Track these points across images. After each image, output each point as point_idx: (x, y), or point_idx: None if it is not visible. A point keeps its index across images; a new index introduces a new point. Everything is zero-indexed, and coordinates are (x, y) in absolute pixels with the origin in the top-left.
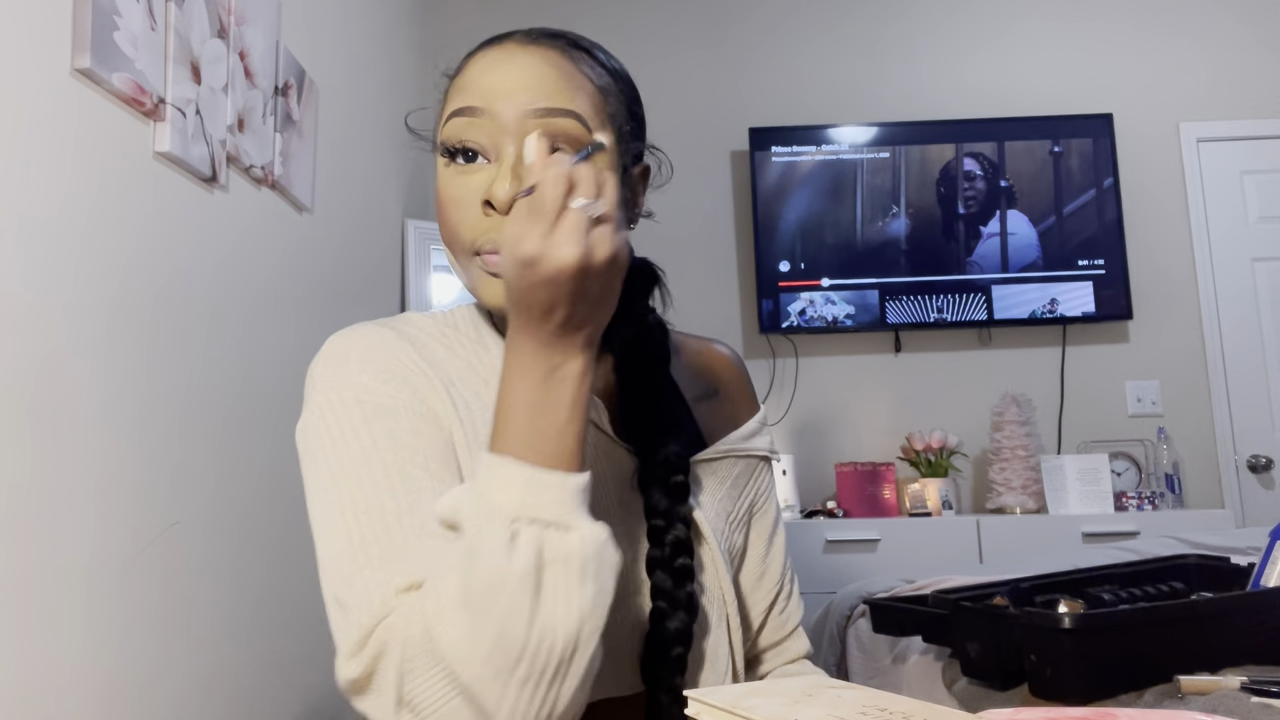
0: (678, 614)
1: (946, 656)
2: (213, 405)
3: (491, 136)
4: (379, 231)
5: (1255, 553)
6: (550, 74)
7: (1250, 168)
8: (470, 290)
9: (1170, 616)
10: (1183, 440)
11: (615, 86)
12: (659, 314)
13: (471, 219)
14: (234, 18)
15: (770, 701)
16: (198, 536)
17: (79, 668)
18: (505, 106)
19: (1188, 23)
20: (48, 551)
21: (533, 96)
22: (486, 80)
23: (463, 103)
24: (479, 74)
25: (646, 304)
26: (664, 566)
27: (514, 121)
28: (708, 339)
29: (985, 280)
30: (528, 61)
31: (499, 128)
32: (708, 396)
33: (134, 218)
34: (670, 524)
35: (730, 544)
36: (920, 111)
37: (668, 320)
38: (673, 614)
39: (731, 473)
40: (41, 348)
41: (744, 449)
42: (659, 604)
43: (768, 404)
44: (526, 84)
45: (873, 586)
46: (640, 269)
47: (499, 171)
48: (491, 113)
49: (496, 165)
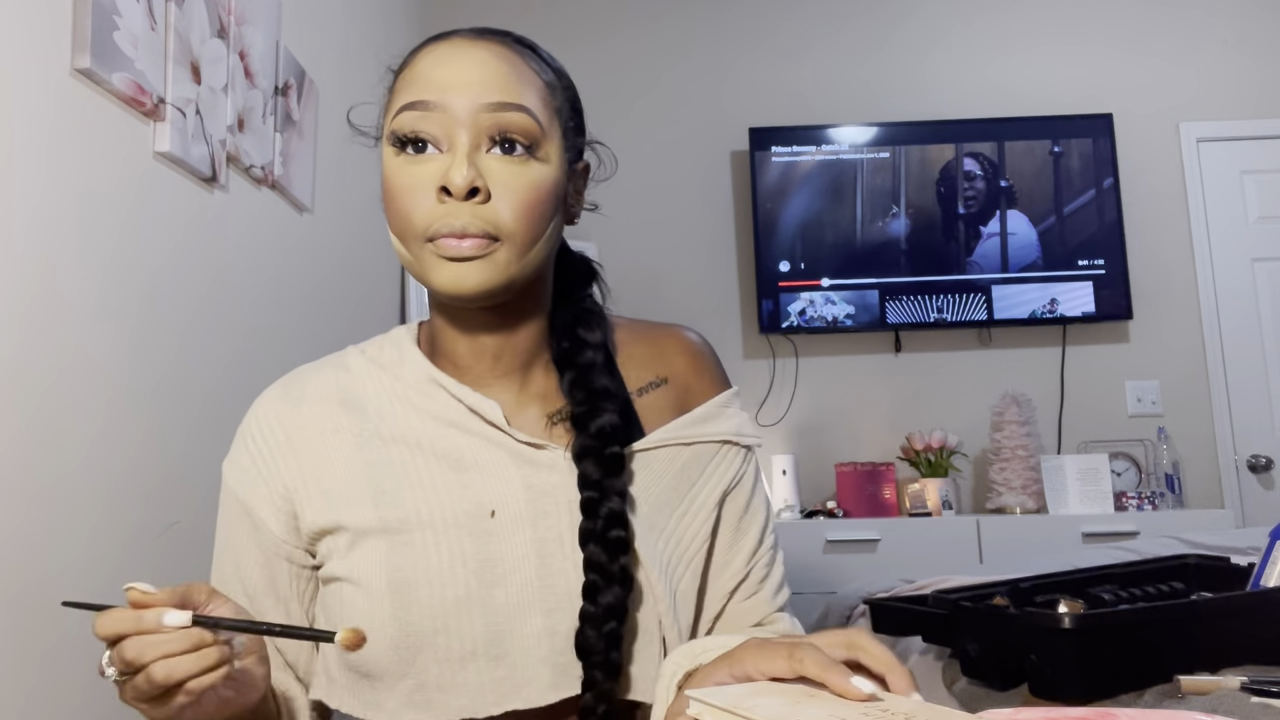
0: (611, 588)
1: (946, 656)
2: (213, 405)
3: (444, 128)
4: (379, 231)
5: (1255, 553)
6: (500, 68)
7: (1250, 168)
8: (420, 278)
9: (1170, 616)
10: (1183, 440)
11: (559, 83)
12: (597, 302)
13: (426, 206)
14: (234, 18)
15: (772, 701)
16: (198, 536)
17: (79, 668)
18: (457, 99)
19: (1188, 23)
20: (48, 551)
21: (484, 90)
22: (438, 74)
23: (414, 96)
24: (429, 68)
25: (586, 293)
26: (597, 539)
27: (467, 114)
28: (669, 324)
29: (985, 280)
30: (478, 56)
31: (451, 119)
32: (653, 386)
33: (134, 218)
34: (604, 496)
35: (679, 536)
36: (920, 111)
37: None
38: (606, 588)
39: (674, 463)
40: (41, 348)
41: (688, 436)
42: (592, 577)
43: (767, 404)
44: (478, 77)
45: (873, 586)
46: (580, 263)
47: (454, 159)
48: (444, 105)
49: (450, 154)
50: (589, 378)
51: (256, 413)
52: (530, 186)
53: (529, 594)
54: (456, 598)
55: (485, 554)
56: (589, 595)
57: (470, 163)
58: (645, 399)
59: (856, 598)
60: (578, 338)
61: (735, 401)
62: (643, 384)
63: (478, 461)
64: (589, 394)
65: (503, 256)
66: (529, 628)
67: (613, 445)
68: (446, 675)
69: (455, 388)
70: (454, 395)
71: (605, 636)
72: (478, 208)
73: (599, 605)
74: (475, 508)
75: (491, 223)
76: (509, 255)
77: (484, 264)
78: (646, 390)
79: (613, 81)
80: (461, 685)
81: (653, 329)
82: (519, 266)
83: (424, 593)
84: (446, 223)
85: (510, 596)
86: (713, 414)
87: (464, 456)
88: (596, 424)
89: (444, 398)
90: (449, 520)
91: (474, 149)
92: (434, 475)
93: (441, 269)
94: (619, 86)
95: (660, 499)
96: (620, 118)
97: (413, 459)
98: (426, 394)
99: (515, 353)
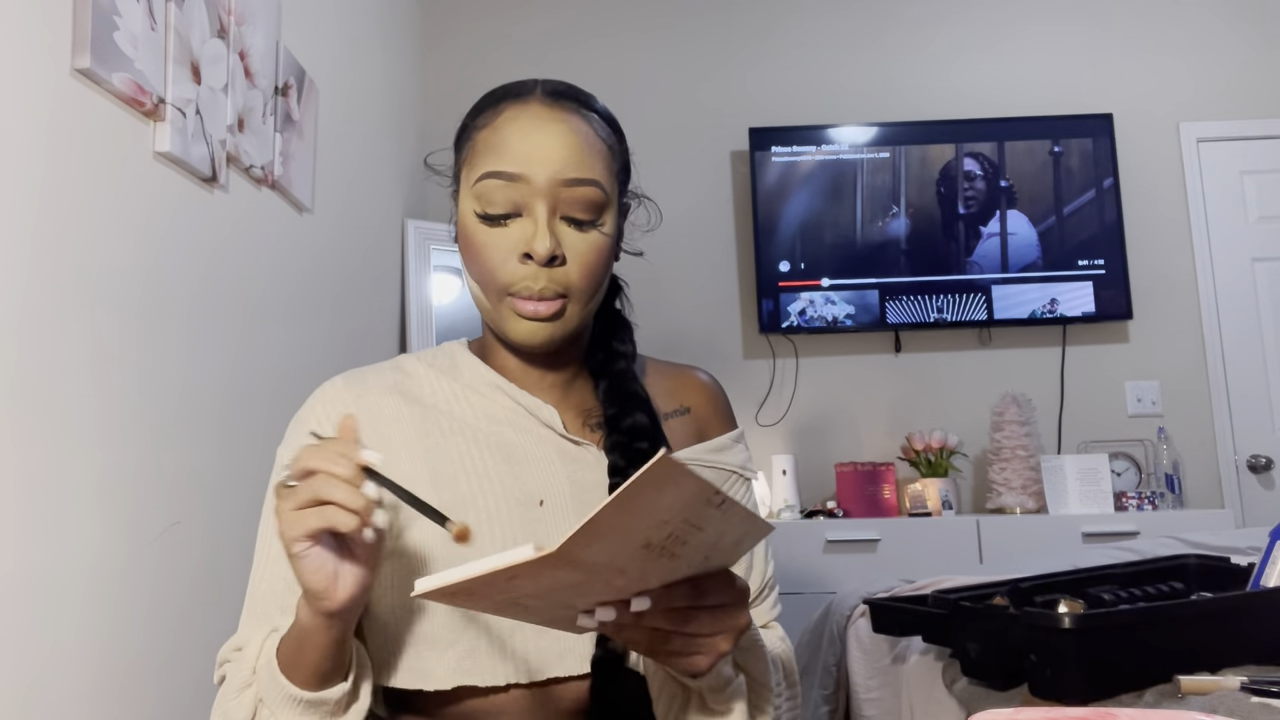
0: None
1: (946, 656)
2: (213, 405)
3: (525, 197)
4: (379, 231)
5: (1255, 553)
6: (576, 143)
7: (1250, 168)
8: (495, 325)
9: (1170, 616)
10: (1183, 440)
11: (619, 145)
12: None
13: (510, 266)
14: (234, 18)
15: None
16: (198, 536)
17: (79, 667)
18: (539, 172)
19: (1188, 23)
20: (48, 551)
21: (564, 167)
22: (522, 148)
23: (500, 166)
24: (513, 139)
25: (615, 308)
26: None
27: (546, 186)
28: (687, 365)
29: (985, 280)
30: (556, 130)
31: (533, 190)
32: (677, 414)
33: (134, 218)
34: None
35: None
36: (920, 111)
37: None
38: None
39: None
40: (41, 347)
41: (711, 461)
42: None
43: (767, 404)
44: (557, 154)
45: (873, 586)
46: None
47: (537, 229)
48: (527, 178)
49: (530, 220)
50: (622, 384)
51: (319, 398)
52: (596, 250)
53: None
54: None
55: (535, 537)
56: None
57: (551, 233)
58: (671, 423)
59: (856, 598)
60: (612, 349)
61: (743, 439)
62: (669, 410)
63: (527, 456)
64: (621, 398)
65: (571, 313)
66: None
67: (640, 441)
68: (496, 644)
69: (514, 391)
70: (513, 398)
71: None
72: (554, 272)
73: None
74: (525, 496)
75: (564, 285)
76: (575, 310)
77: (557, 323)
78: (672, 416)
79: (613, 81)
80: (509, 653)
81: (674, 367)
82: (581, 318)
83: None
84: (527, 285)
85: None
86: (727, 446)
87: (515, 450)
88: (627, 423)
89: (501, 399)
90: (501, 506)
91: (551, 217)
92: (488, 465)
93: (519, 324)
94: (619, 86)
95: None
96: (620, 117)
97: (469, 449)
98: (484, 395)
99: (560, 373)
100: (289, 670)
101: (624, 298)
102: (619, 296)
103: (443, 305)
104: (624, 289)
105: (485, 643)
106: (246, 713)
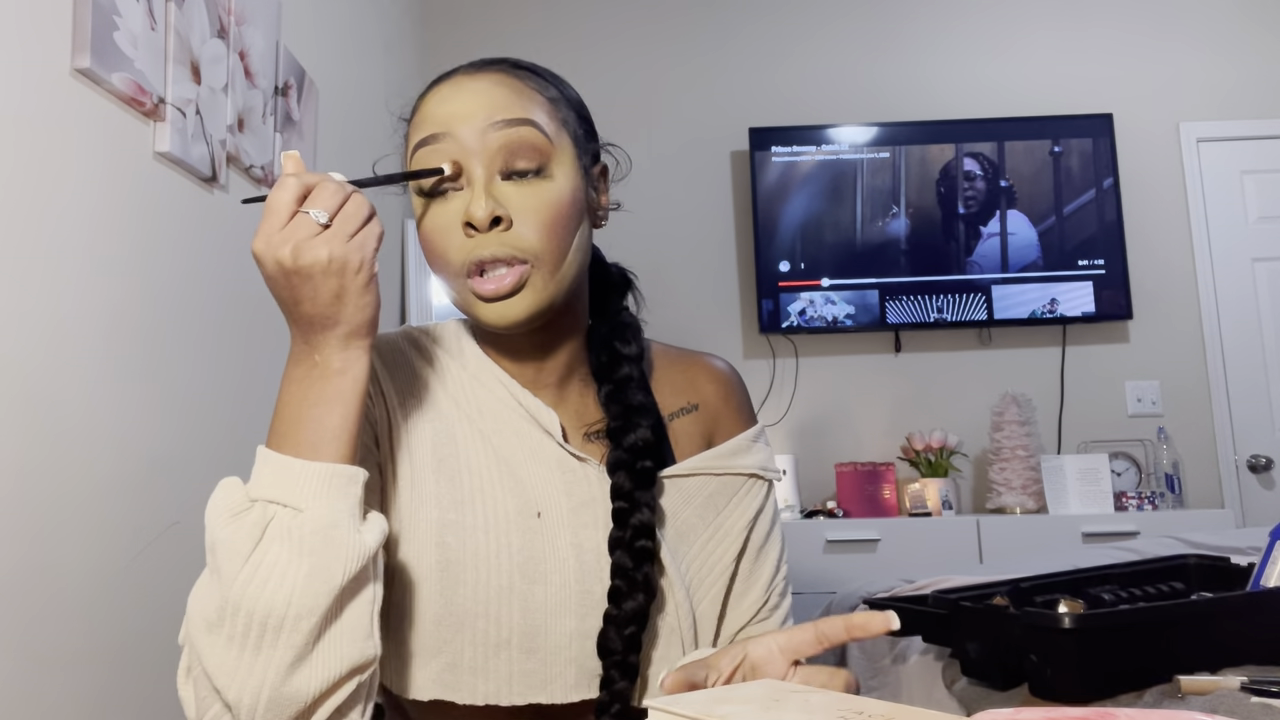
0: (635, 595)
1: (946, 656)
2: (213, 405)
3: (457, 159)
4: None
5: (1255, 553)
6: (501, 91)
7: (1250, 168)
8: (467, 313)
9: (1170, 616)
10: (1183, 440)
11: (562, 96)
12: (634, 314)
13: (456, 242)
14: (234, 18)
15: (742, 709)
16: (198, 536)
17: (78, 668)
18: (465, 128)
19: (1187, 23)
20: (48, 551)
21: (489, 113)
22: (443, 110)
23: (424, 133)
24: (434, 106)
25: (621, 304)
26: (625, 547)
27: (475, 141)
28: (701, 353)
29: (985, 280)
30: (478, 86)
31: (462, 150)
32: (684, 412)
33: (134, 218)
34: (635, 508)
35: (704, 559)
36: (920, 111)
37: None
38: (630, 594)
39: (704, 490)
40: (41, 348)
41: (719, 467)
42: (617, 583)
43: (767, 404)
44: (481, 104)
45: (873, 586)
46: (615, 274)
47: (472, 193)
48: (453, 135)
49: (469, 189)
50: (625, 393)
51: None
52: (548, 205)
53: (566, 595)
54: (500, 587)
55: (530, 550)
56: (614, 599)
57: (488, 194)
58: (677, 423)
59: (856, 598)
60: (615, 352)
61: (763, 436)
62: (675, 409)
63: (526, 463)
64: (625, 409)
65: (539, 280)
66: (563, 627)
67: (645, 460)
68: (479, 659)
69: (517, 390)
70: (514, 397)
71: (626, 639)
72: (503, 235)
73: (622, 609)
74: (524, 505)
75: (518, 247)
76: (543, 277)
77: (523, 295)
78: (678, 415)
79: (613, 82)
80: (492, 671)
81: (685, 356)
82: (555, 284)
83: (470, 576)
84: (476, 254)
85: (549, 595)
86: (743, 448)
87: (514, 455)
88: (630, 439)
89: (503, 394)
90: (499, 512)
91: (489, 180)
92: (488, 465)
93: (485, 309)
94: (619, 87)
95: (688, 523)
96: (621, 118)
97: (471, 444)
98: (487, 388)
99: (554, 369)
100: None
101: (636, 294)
102: (630, 292)
103: (442, 306)
104: (634, 283)
105: (468, 659)
106: (251, 534)
